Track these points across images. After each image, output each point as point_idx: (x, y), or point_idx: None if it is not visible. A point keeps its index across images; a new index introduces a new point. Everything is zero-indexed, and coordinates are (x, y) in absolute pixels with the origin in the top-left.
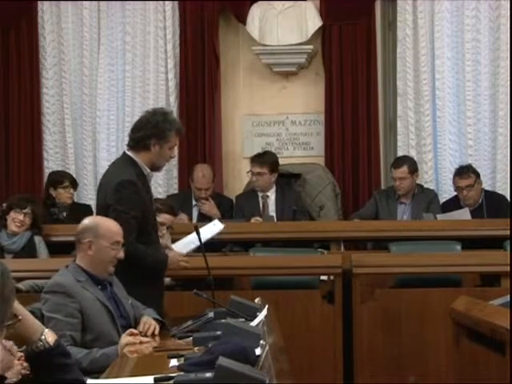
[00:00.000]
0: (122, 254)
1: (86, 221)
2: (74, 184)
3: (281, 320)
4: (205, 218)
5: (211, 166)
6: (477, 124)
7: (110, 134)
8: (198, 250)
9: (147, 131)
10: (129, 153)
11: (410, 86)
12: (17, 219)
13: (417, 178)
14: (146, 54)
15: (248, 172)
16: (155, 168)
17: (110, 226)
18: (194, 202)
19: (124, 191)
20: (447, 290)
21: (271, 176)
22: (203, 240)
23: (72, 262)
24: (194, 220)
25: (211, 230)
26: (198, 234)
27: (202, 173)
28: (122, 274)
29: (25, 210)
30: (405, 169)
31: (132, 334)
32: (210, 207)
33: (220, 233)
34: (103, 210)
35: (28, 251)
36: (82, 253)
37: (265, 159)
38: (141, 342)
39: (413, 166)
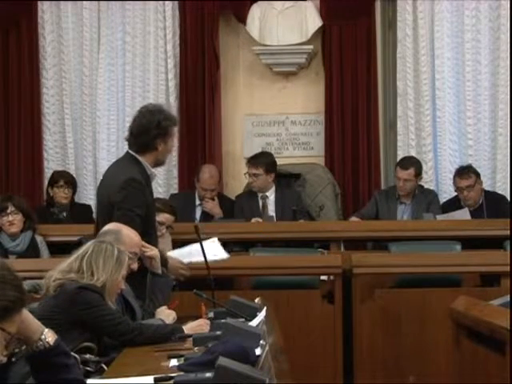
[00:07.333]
0: (135, 266)
1: (110, 225)
2: (69, 184)
3: (281, 320)
4: (208, 217)
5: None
6: (477, 124)
7: (110, 134)
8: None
9: (152, 133)
10: (132, 152)
11: (409, 86)
12: (7, 221)
13: (420, 181)
14: (146, 53)
15: (245, 174)
16: (159, 163)
17: (132, 236)
18: (197, 202)
19: (130, 189)
20: (447, 290)
21: (267, 176)
22: (204, 259)
23: None
24: (198, 220)
25: (214, 252)
26: (198, 233)
27: (209, 174)
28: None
29: (8, 210)
30: (411, 171)
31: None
32: (212, 205)
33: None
34: (106, 209)
35: (32, 252)
36: None
37: (260, 160)
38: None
39: (419, 170)
